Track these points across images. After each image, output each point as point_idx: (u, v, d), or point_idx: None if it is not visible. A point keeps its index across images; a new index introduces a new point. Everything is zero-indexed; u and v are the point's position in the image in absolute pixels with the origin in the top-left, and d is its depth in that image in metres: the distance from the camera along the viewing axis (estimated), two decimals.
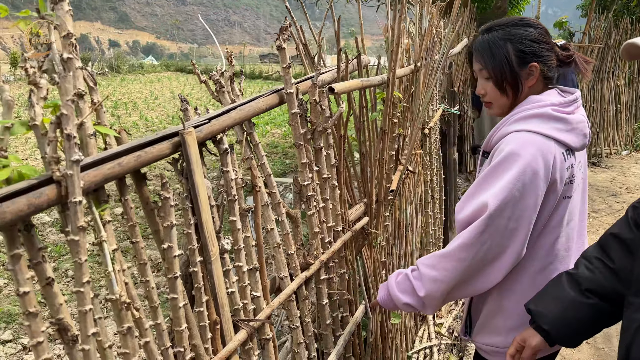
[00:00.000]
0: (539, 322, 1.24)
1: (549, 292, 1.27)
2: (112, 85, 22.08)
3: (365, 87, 1.89)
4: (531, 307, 1.28)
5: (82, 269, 0.91)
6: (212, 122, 1.25)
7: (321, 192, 1.71)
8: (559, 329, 1.21)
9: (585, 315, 1.19)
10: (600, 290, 1.18)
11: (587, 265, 1.22)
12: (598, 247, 1.25)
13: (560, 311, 1.21)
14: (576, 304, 1.19)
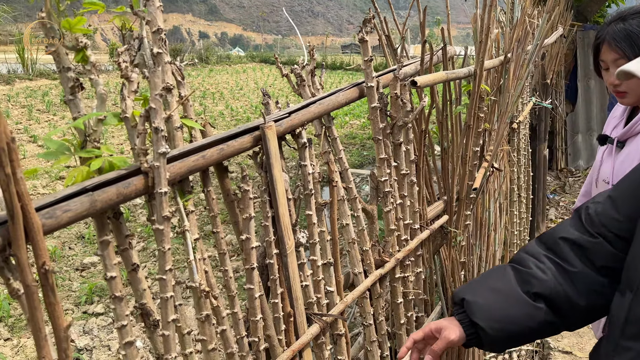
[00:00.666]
0: (472, 316, 1.03)
1: (489, 285, 1.06)
2: (201, 76, 23.12)
3: (451, 80, 1.81)
4: (466, 296, 1.05)
5: (165, 257, 0.95)
6: (292, 116, 1.25)
7: (399, 188, 1.67)
8: (496, 329, 1.01)
9: (529, 320, 1.01)
10: (551, 297, 1.00)
11: (539, 265, 1.03)
12: (544, 246, 1.07)
13: (503, 309, 1.01)
14: (522, 304, 1.01)
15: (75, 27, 0.86)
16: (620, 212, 0.97)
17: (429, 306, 1.92)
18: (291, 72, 1.51)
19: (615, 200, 1.00)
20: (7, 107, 11.63)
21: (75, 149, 0.89)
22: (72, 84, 0.89)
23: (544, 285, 1.00)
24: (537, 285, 1.01)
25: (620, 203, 0.98)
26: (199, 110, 13.08)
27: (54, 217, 0.76)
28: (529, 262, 1.04)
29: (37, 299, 0.72)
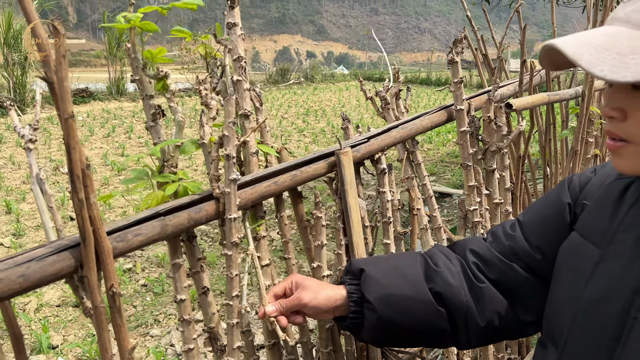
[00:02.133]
0: (366, 291, 0.88)
1: (396, 265, 0.92)
2: (305, 94, 23.85)
3: (553, 102, 1.66)
4: (367, 269, 0.91)
5: (232, 283, 0.95)
6: (370, 142, 1.21)
7: (491, 218, 1.55)
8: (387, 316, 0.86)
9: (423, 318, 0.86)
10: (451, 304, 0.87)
11: (449, 266, 0.90)
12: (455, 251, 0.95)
13: (402, 296, 0.87)
14: (424, 299, 0.87)
15: (157, 57, 0.90)
16: (531, 242, 0.87)
17: (524, 347, 1.75)
18: (376, 94, 1.47)
19: (524, 226, 0.90)
20: (131, 122, 12.83)
21: (154, 173, 0.93)
22: (153, 110, 0.94)
23: (449, 289, 0.88)
24: (441, 286, 0.88)
25: (530, 232, 0.88)
26: (302, 127, 13.47)
27: (124, 240, 0.79)
28: (440, 261, 0.92)
29: (104, 320, 0.75)
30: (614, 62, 0.57)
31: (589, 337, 0.68)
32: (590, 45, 0.59)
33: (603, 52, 0.58)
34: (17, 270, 0.68)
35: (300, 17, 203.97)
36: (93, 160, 8.45)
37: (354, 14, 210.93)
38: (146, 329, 3.72)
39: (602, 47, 0.59)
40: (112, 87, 16.43)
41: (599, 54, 0.58)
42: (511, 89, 1.65)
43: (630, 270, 0.65)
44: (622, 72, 0.56)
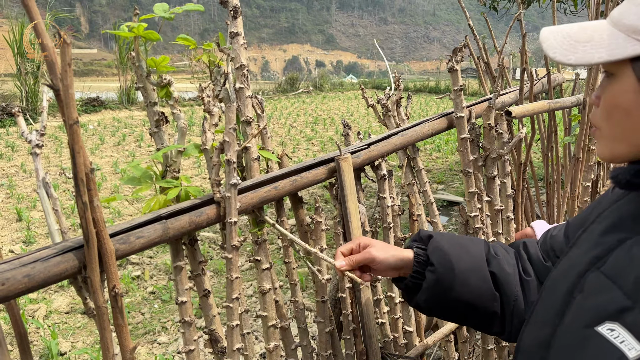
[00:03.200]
0: (431, 254, 0.92)
1: (462, 242, 0.95)
2: (314, 103, 23.94)
3: (554, 110, 1.67)
4: (435, 237, 0.95)
5: (232, 286, 0.97)
6: (370, 148, 1.23)
7: (492, 224, 1.56)
8: (446, 282, 0.89)
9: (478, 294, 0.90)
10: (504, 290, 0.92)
11: (506, 257, 0.96)
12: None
13: (464, 268, 0.90)
14: (482, 277, 0.91)
15: (160, 65, 0.93)
16: (570, 239, 0.90)
17: None
18: (377, 102, 1.49)
19: (569, 226, 0.92)
20: (141, 131, 12.96)
21: (157, 178, 0.95)
22: (157, 117, 0.97)
23: (505, 275, 0.92)
24: (498, 271, 0.93)
25: (571, 230, 0.90)
26: (310, 135, 13.52)
27: (127, 242, 0.81)
28: (499, 250, 0.97)
29: (106, 320, 0.77)
30: (568, 47, 0.64)
31: (544, 312, 0.73)
32: (559, 33, 0.67)
33: (565, 38, 0.66)
34: (22, 270, 0.71)
35: (309, 26, 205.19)
36: (104, 169, 8.54)
37: (363, 23, 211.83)
38: (154, 336, 3.73)
39: (568, 34, 0.66)
40: (123, 96, 16.62)
41: (561, 39, 0.66)
42: (512, 96, 1.66)
43: (585, 256, 0.69)
44: (570, 55, 0.63)
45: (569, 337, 0.66)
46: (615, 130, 0.65)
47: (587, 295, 0.66)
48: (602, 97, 0.66)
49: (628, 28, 0.61)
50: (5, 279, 0.69)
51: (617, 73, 0.63)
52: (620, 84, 0.63)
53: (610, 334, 0.60)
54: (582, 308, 0.66)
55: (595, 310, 0.63)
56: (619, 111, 0.63)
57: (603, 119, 0.66)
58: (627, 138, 0.64)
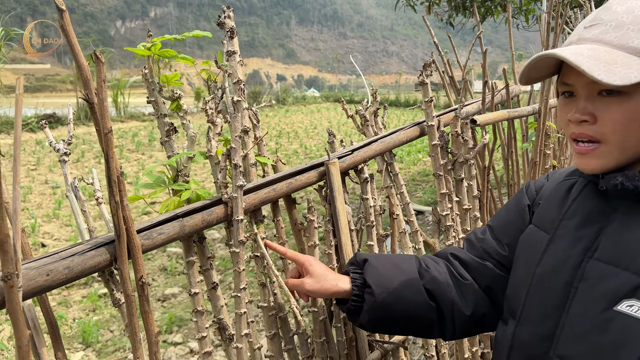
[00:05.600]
0: (367, 276, 1.01)
1: (394, 261, 1.06)
2: (277, 116, 24.07)
3: (513, 118, 1.85)
4: (370, 260, 1.05)
5: (240, 277, 1.08)
6: (354, 154, 1.36)
7: (461, 223, 1.71)
8: (384, 300, 0.98)
9: (416, 308, 1.00)
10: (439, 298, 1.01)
11: (436, 267, 1.05)
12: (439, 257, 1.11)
13: (399, 285, 1.00)
14: (417, 291, 1.00)
15: (172, 81, 1.04)
16: (500, 240, 1.01)
17: None
18: (356, 113, 1.63)
19: (493, 229, 1.04)
20: None
21: (169, 182, 1.05)
22: (167, 127, 1.07)
23: (438, 286, 1.01)
24: (431, 283, 1.02)
25: (498, 232, 1.02)
26: (275, 148, 13.61)
27: (150, 238, 0.91)
28: (429, 263, 1.06)
29: (134, 307, 0.87)
30: (605, 68, 0.70)
31: (540, 306, 0.82)
32: (582, 55, 0.72)
33: (594, 60, 0.71)
34: (63, 263, 0.80)
35: (269, 41, 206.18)
36: (63, 187, 8.39)
37: (322, 37, 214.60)
38: (124, 353, 3.71)
39: (592, 56, 0.72)
40: (80, 112, 16.27)
41: (591, 61, 0.71)
42: (475, 107, 1.83)
43: (574, 249, 0.80)
44: (612, 76, 0.69)
45: (584, 324, 0.73)
46: (630, 141, 0.73)
47: (593, 283, 0.75)
48: (603, 114, 0.73)
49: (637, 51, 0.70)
50: (50, 270, 0.78)
51: (631, 92, 0.71)
52: (636, 102, 0.71)
53: (631, 309, 0.68)
54: (592, 294, 0.74)
55: (608, 294, 0.72)
56: (637, 124, 0.72)
57: (615, 133, 0.73)
58: (636, 147, 0.73)
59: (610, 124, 0.73)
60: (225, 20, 1.13)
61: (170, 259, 5.74)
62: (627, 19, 0.72)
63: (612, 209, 0.77)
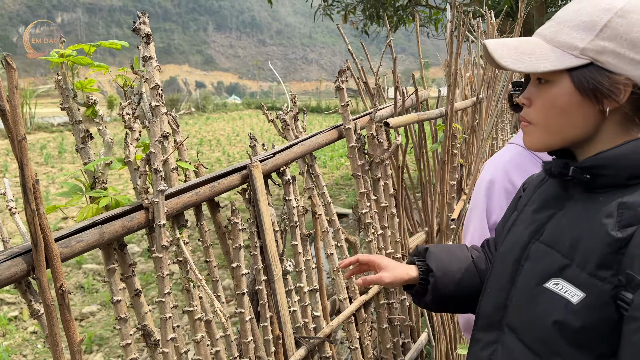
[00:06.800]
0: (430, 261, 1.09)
1: (451, 250, 1.15)
2: (198, 124, 23.55)
3: (422, 121, 1.98)
4: (430, 249, 1.13)
5: (164, 282, 1.08)
6: (276, 156, 1.40)
7: (379, 220, 1.81)
8: (445, 282, 1.08)
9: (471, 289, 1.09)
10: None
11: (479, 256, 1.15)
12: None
13: (456, 269, 1.09)
14: (472, 275, 1.10)
15: (86, 87, 1.02)
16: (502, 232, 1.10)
17: (415, 333, 2.02)
18: (277, 117, 1.68)
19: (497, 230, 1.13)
20: (6, 161, 11.82)
21: (86, 189, 1.04)
22: (82, 134, 1.05)
23: (484, 266, 1.10)
24: (479, 264, 1.11)
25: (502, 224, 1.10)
26: (196, 157, 13.31)
27: (69, 246, 0.89)
28: (474, 249, 1.16)
29: (55, 317, 0.85)
30: (517, 57, 0.78)
31: (497, 280, 0.92)
32: (505, 45, 0.80)
33: (512, 50, 0.79)
34: None
35: (186, 47, 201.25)
36: None
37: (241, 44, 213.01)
38: None
39: (514, 47, 0.80)
40: None
41: (508, 51, 0.79)
42: (388, 110, 1.94)
43: (525, 231, 0.89)
44: (519, 64, 0.77)
45: (523, 297, 0.83)
46: (552, 125, 0.80)
47: (533, 262, 0.83)
48: (535, 99, 0.81)
49: (564, 45, 0.77)
50: None
51: (553, 80, 0.78)
52: (557, 89, 0.77)
53: (556, 287, 0.77)
54: (531, 272, 0.83)
55: (541, 272, 0.81)
56: (556, 110, 0.78)
57: (539, 116, 0.81)
58: (560, 132, 0.80)
59: (535, 108, 0.82)
60: (141, 26, 1.13)
61: (86, 275, 5.45)
62: (569, 16, 0.78)
63: (568, 197, 0.84)
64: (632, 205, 0.73)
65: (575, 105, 0.77)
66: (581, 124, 0.79)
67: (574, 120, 0.79)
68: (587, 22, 0.76)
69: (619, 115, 0.77)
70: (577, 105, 0.77)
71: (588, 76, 0.76)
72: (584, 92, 0.76)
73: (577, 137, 0.80)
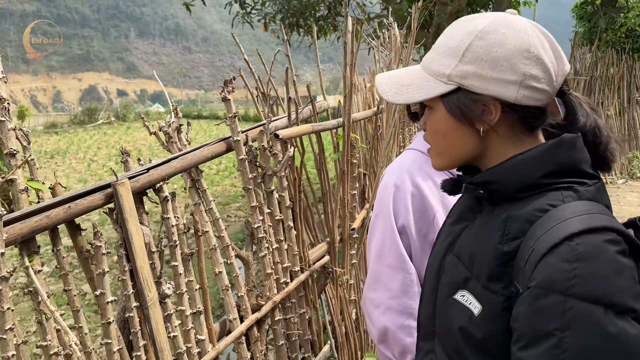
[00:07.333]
0: None
1: None
2: (117, 134, 22.54)
3: (318, 131, 1.96)
4: None
5: (4, 317, 0.96)
6: (150, 172, 1.32)
7: (275, 233, 1.76)
8: None
9: None
10: None
11: None
12: None
13: None
14: None
15: None
16: None
17: (317, 346, 1.99)
18: (159, 129, 1.59)
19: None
20: None
21: None
22: None
23: None
24: None
25: None
26: (116, 169, 12.69)
27: None
28: None
29: None
30: (396, 90, 0.81)
31: (426, 290, 0.93)
32: (389, 79, 0.84)
33: (394, 83, 0.82)
34: None
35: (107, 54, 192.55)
36: None
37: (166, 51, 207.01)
38: None
39: (395, 80, 0.83)
40: None
41: (390, 84, 0.82)
42: (285, 121, 1.90)
43: (443, 244, 0.90)
44: (398, 97, 0.81)
45: (440, 307, 0.85)
46: (440, 147, 0.84)
47: (447, 274, 0.85)
48: (427, 124, 0.84)
49: (435, 73, 0.79)
50: None
51: (434, 107, 0.81)
52: (437, 115, 0.81)
53: (462, 299, 0.79)
54: (445, 283, 0.85)
55: (451, 284, 0.83)
56: (440, 134, 0.82)
57: (430, 140, 0.85)
58: (448, 153, 0.83)
59: (427, 132, 0.85)
60: None
61: None
62: (441, 43, 0.80)
63: (480, 209, 0.85)
64: (518, 218, 0.75)
65: (452, 129, 0.80)
66: (462, 146, 0.81)
67: (455, 142, 0.81)
68: (452, 48, 0.78)
69: (505, 129, 0.79)
70: (454, 129, 0.80)
71: (457, 101, 0.77)
72: (455, 117, 0.78)
73: (465, 157, 0.83)
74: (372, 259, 1.27)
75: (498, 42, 0.75)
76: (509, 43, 0.75)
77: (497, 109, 0.76)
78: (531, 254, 0.70)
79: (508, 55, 0.74)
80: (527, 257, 0.71)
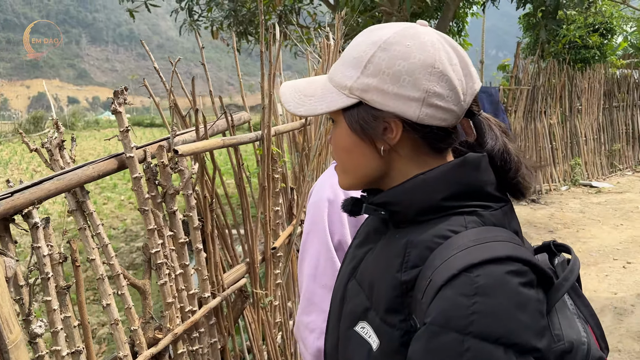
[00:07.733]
0: None
1: None
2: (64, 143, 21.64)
3: (230, 146, 1.84)
4: None
5: None
6: (15, 196, 1.16)
7: (179, 257, 1.62)
8: None
9: None
10: None
11: None
12: None
13: None
14: None
15: None
16: None
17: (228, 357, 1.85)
18: (42, 146, 1.43)
19: None
20: None
21: None
22: None
23: None
24: None
25: None
26: None
27: None
28: None
29: None
30: (299, 101, 0.75)
31: (331, 320, 0.85)
32: (294, 88, 0.77)
33: (297, 93, 0.76)
34: None
35: (57, 60, 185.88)
36: None
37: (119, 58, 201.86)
38: None
39: (300, 90, 0.76)
40: None
41: (294, 94, 0.76)
42: (194, 135, 1.77)
43: (348, 267, 0.82)
44: (300, 107, 0.74)
45: (342, 338, 0.77)
46: (344, 165, 0.77)
47: (348, 301, 0.77)
48: (332, 139, 0.77)
49: (337, 84, 0.72)
50: None
51: (336, 120, 0.75)
52: (339, 129, 0.74)
53: (362, 331, 0.71)
54: (347, 312, 0.77)
55: (352, 313, 0.74)
56: (342, 150, 0.75)
57: (334, 156, 0.78)
58: (352, 171, 0.76)
59: (332, 147, 0.78)
60: None
61: None
62: (347, 52, 0.74)
63: (385, 231, 0.77)
64: (417, 244, 0.67)
65: (354, 145, 0.73)
66: (364, 164, 0.74)
67: (357, 159, 0.74)
68: (356, 59, 0.71)
69: (407, 150, 0.72)
70: (355, 145, 0.73)
71: (357, 116, 0.71)
72: (355, 133, 0.72)
73: (370, 177, 0.75)
74: (306, 279, 1.17)
75: (401, 55, 0.67)
76: (413, 56, 0.67)
77: (398, 127, 0.69)
78: (428, 285, 0.63)
79: (411, 70, 0.67)
80: (424, 288, 0.63)
